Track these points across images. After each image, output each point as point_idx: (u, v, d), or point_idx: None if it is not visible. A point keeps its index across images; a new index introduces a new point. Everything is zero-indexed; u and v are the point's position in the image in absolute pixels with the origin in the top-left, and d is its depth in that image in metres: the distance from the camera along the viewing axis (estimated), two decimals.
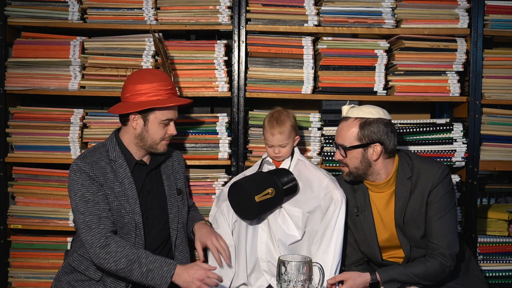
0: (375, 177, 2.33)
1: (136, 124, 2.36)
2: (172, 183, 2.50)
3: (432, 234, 2.27)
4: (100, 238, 2.19)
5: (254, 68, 2.89)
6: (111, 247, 2.17)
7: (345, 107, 2.36)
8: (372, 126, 2.26)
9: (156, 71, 2.50)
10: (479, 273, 2.43)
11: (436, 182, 2.27)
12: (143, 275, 2.15)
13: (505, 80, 2.94)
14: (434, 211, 2.27)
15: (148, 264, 2.15)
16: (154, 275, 2.14)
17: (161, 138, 2.39)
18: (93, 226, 2.21)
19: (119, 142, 2.40)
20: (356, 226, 2.40)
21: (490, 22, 2.90)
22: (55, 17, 2.89)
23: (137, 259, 2.16)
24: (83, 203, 2.24)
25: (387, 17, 2.88)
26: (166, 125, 2.39)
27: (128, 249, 2.18)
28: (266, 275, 2.47)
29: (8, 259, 2.95)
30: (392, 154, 2.32)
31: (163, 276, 2.14)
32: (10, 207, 2.93)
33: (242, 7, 2.85)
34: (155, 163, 2.45)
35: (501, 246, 2.94)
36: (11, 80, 2.89)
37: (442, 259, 2.23)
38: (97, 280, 2.30)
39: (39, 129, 2.89)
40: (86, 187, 2.26)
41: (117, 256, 2.16)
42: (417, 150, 2.88)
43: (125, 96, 2.37)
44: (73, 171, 2.30)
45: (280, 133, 2.45)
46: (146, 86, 2.33)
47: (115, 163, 2.34)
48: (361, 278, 2.21)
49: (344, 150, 2.30)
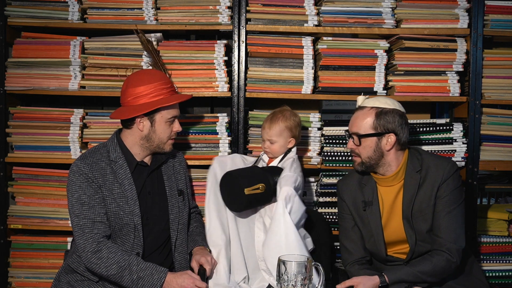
0: (386, 168, 2.34)
1: (143, 126, 2.35)
2: (173, 184, 2.50)
3: (439, 229, 2.27)
4: (92, 243, 2.20)
5: (254, 68, 2.90)
6: (102, 252, 2.19)
7: (360, 98, 2.38)
8: (388, 116, 2.28)
9: (153, 71, 2.51)
10: (481, 276, 2.43)
11: (446, 177, 2.28)
12: (134, 282, 2.19)
13: (505, 80, 2.94)
14: (443, 206, 2.28)
15: (138, 271, 2.18)
16: (144, 283, 2.18)
17: (168, 137, 2.40)
18: (86, 230, 2.22)
19: (120, 143, 2.39)
20: (363, 221, 2.40)
21: (490, 22, 2.90)
22: (55, 17, 2.89)
23: (128, 266, 2.19)
24: (79, 206, 2.25)
25: (387, 17, 2.88)
26: (172, 123, 2.40)
27: (119, 255, 2.20)
28: (265, 274, 2.47)
29: (8, 259, 2.95)
30: (404, 146, 2.34)
31: (153, 284, 2.18)
32: (10, 207, 2.93)
33: (242, 7, 2.85)
34: (156, 163, 2.45)
35: (501, 246, 2.94)
36: (11, 80, 2.89)
37: (449, 254, 2.23)
38: (95, 281, 2.30)
39: (39, 129, 2.89)
40: (83, 190, 2.26)
41: (108, 262, 2.19)
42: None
43: (126, 100, 2.35)
44: (72, 172, 2.30)
45: (269, 128, 2.50)
46: (148, 87, 2.32)
47: (115, 164, 2.34)
48: (371, 281, 2.21)
49: (359, 138, 2.31)
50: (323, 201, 2.90)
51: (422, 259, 2.29)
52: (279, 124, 2.50)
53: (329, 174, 2.91)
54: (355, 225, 2.44)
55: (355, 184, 2.44)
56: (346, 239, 2.45)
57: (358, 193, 2.42)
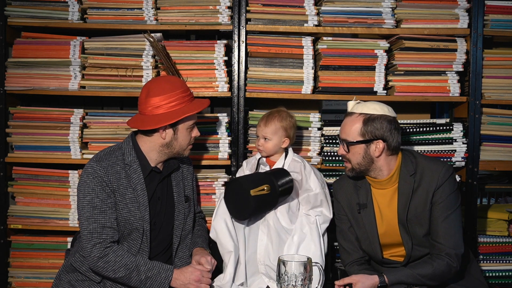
0: (377, 173, 2.33)
1: (165, 135, 2.33)
2: (181, 190, 2.49)
3: (438, 234, 2.26)
4: (99, 249, 2.20)
5: (254, 68, 2.90)
6: (109, 257, 2.20)
7: (351, 103, 2.36)
8: (375, 123, 2.26)
9: (172, 78, 2.47)
10: (480, 276, 2.43)
11: (440, 182, 2.27)
12: (142, 282, 2.22)
13: (505, 80, 2.94)
14: (440, 211, 2.27)
15: (146, 271, 2.21)
16: (152, 282, 2.22)
17: (188, 143, 2.41)
18: (95, 235, 2.21)
19: (136, 147, 2.37)
20: (358, 223, 2.40)
21: (490, 22, 2.90)
22: (55, 17, 2.89)
23: (136, 268, 2.21)
24: (90, 209, 2.24)
25: (387, 17, 2.88)
26: (192, 129, 2.41)
27: (126, 258, 2.21)
28: (264, 278, 2.48)
29: (8, 259, 2.95)
30: (395, 151, 2.32)
31: (162, 282, 2.22)
32: (10, 207, 2.93)
33: (242, 7, 2.85)
34: (169, 170, 2.43)
35: (501, 246, 2.94)
36: (11, 80, 2.89)
37: (449, 259, 2.22)
38: (97, 282, 2.30)
39: (39, 129, 2.89)
40: (96, 193, 2.25)
41: (116, 266, 2.20)
42: (417, 150, 2.87)
43: (147, 109, 2.31)
44: (87, 174, 2.27)
45: (265, 125, 2.55)
46: (169, 96, 2.29)
47: (129, 168, 2.31)
48: (370, 280, 2.20)
49: (347, 145, 2.31)
50: None
51: (422, 262, 2.29)
52: (275, 123, 2.54)
53: (329, 174, 2.91)
54: (352, 226, 2.44)
55: (350, 186, 2.44)
56: (344, 240, 2.45)
57: (353, 195, 2.42)
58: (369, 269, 2.39)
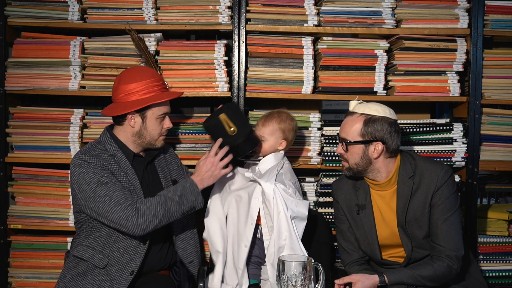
0: (375, 174, 2.33)
1: (134, 123, 2.39)
2: (167, 175, 2.54)
3: (438, 237, 2.26)
4: (131, 209, 2.23)
5: (254, 68, 2.90)
6: (141, 209, 2.24)
7: (353, 102, 2.36)
8: (376, 124, 2.26)
9: (144, 68, 2.54)
10: (480, 277, 2.43)
11: (439, 184, 2.27)
12: (180, 204, 2.29)
13: (505, 80, 2.94)
14: (439, 214, 2.27)
15: (174, 194, 2.29)
16: (187, 197, 2.31)
17: (159, 134, 2.44)
18: (121, 201, 2.24)
19: (114, 138, 2.42)
20: (357, 224, 2.40)
21: (490, 22, 2.90)
22: (55, 17, 2.89)
23: (166, 198, 2.28)
24: (103, 186, 2.26)
25: (387, 17, 2.88)
26: (163, 119, 2.44)
27: (153, 199, 2.28)
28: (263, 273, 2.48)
29: (8, 259, 2.95)
30: (394, 154, 2.32)
31: (193, 191, 2.32)
32: (10, 207, 2.93)
33: (242, 7, 2.85)
34: (151, 156, 2.50)
35: (501, 246, 2.94)
36: (11, 80, 2.89)
37: (450, 261, 2.22)
38: (101, 267, 2.31)
39: (39, 129, 2.89)
40: (99, 173, 2.28)
41: (152, 210, 2.25)
42: (417, 150, 2.88)
43: (118, 96, 2.39)
44: (78, 165, 2.31)
45: (262, 125, 2.56)
46: (139, 84, 2.36)
47: (115, 157, 2.37)
48: (370, 280, 2.20)
49: (346, 145, 2.30)
50: (323, 201, 2.90)
51: (423, 263, 2.29)
52: (272, 124, 2.54)
53: (329, 174, 2.91)
54: (351, 227, 2.44)
55: (349, 187, 2.43)
56: (344, 240, 2.45)
57: (352, 196, 2.42)
58: (369, 269, 2.39)
